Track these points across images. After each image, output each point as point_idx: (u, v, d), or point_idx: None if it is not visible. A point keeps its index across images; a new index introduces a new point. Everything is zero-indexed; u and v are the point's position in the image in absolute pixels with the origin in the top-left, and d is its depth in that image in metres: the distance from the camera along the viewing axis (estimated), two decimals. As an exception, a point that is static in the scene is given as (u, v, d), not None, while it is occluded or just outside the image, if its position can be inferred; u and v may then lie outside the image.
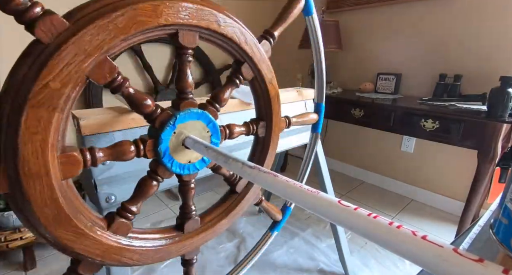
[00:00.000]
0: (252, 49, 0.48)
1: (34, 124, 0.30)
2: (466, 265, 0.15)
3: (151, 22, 0.36)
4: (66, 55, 0.30)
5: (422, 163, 1.84)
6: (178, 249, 0.48)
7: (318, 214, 0.24)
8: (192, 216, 0.50)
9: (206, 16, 0.41)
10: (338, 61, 2.13)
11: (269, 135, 0.56)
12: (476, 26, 1.49)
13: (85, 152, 0.36)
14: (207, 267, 1.23)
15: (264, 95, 0.54)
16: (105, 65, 0.34)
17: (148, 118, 0.42)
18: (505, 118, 1.13)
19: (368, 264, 1.29)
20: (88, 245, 0.36)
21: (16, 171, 0.30)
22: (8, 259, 1.23)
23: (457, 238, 0.46)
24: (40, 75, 0.30)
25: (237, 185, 0.56)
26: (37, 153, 0.31)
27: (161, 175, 0.43)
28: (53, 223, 0.33)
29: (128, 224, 0.41)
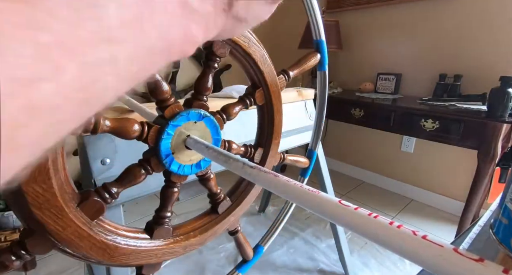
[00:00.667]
0: (271, 78, 0.51)
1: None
2: (466, 264, 0.15)
3: None
4: None
5: (422, 163, 1.84)
6: (140, 256, 0.43)
7: (318, 214, 0.24)
8: (165, 223, 0.46)
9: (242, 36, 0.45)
10: (338, 61, 2.13)
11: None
12: (476, 26, 1.49)
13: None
14: (207, 267, 1.23)
15: (269, 125, 0.56)
16: None
17: (160, 105, 0.42)
18: (505, 118, 1.13)
19: (368, 264, 1.29)
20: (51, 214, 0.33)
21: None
22: (8, 259, 1.23)
23: (457, 238, 0.46)
24: None
25: (220, 205, 0.53)
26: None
27: (153, 166, 0.42)
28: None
29: (102, 206, 0.38)
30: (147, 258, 0.44)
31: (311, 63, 0.63)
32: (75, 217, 0.35)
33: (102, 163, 0.57)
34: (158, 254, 0.45)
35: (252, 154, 0.55)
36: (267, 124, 0.56)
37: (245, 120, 0.83)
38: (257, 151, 0.56)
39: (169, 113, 0.41)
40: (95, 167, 0.56)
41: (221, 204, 0.54)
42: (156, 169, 0.42)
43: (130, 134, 0.39)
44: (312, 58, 0.64)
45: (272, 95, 0.52)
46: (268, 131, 0.56)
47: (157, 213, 0.47)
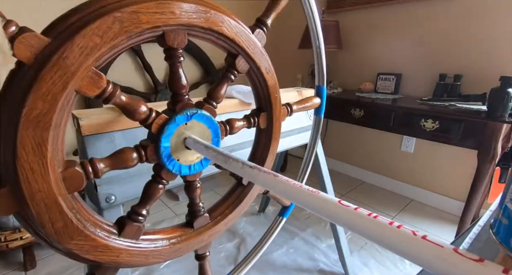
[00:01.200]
0: (245, 41, 0.46)
1: (29, 146, 0.30)
2: (466, 265, 0.15)
3: (135, 27, 0.34)
4: (50, 74, 0.29)
5: (422, 163, 1.84)
6: (190, 246, 0.49)
7: (318, 214, 0.24)
8: (200, 213, 0.51)
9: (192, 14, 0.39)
10: (338, 61, 2.14)
11: (271, 125, 0.56)
12: (476, 26, 1.49)
13: (86, 165, 0.36)
14: (207, 267, 1.23)
15: (262, 86, 0.53)
16: (93, 78, 0.33)
17: (144, 124, 0.41)
18: (505, 118, 1.13)
19: (368, 264, 1.29)
20: (101, 252, 0.36)
21: (21, 192, 0.30)
22: (8, 259, 1.23)
23: (457, 238, 0.46)
24: (27, 98, 0.29)
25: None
26: (38, 173, 0.31)
27: (165, 178, 0.44)
28: (65, 236, 0.34)
29: (140, 227, 0.42)
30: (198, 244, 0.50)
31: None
32: (121, 245, 0.38)
33: (102, 163, 0.57)
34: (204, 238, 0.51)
35: (256, 121, 0.54)
36: (261, 87, 0.54)
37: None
38: (261, 116, 0.55)
39: (156, 128, 0.41)
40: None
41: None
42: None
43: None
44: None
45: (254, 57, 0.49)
46: (264, 93, 0.54)
47: (190, 207, 0.49)
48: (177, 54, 0.41)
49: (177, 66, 0.42)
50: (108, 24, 0.32)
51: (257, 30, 0.49)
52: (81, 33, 0.30)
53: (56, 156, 0.33)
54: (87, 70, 0.32)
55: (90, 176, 0.36)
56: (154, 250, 0.44)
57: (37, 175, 0.31)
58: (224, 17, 0.43)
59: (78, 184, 0.35)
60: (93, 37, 0.31)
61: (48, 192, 0.32)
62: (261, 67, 0.49)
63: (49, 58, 0.29)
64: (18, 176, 0.30)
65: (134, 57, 1.75)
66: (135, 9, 0.33)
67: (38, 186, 0.31)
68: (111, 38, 0.33)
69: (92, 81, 0.33)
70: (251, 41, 0.47)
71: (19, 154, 0.29)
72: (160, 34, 0.38)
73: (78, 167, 0.35)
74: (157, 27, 0.36)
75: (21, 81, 0.29)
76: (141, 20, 0.34)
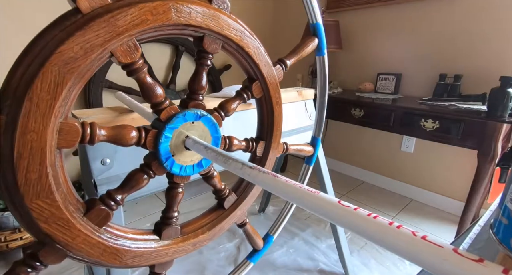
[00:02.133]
0: (267, 70, 0.51)
1: (48, 81, 0.30)
2: (466, 265, 0.15)
3: (185, 20, 0.38)
4: (98, 27, 0.32)
5: (422, 163, 1.84)
6: (152, 256, 0.44)
7: (318, 214, 0.24)
8: (172, 223, 0.47)
9: (232, 28, 0.44)
10: (338, 61, 2.14)
11: (266, 156, 0.57)
12: (476, 26, 1.49)
13: (86, 126, 0.35)
14: (207, 267, 1.23)
15: (268, 117, 0.55)
16: (131, 47, 0.36)
17: (155, 109, 0.42)
18: (505, 118, 1.13)
19: (368, 264, 1.29)
20: (59, 227, 0.33)
21: (14, 125, 0.29)
22: (8, 259, 1.23)
23: (457, 238, 0.46)
24: (69, 38, 0.30)
25: (226, 200, 0.54)
26: (41, 112, 0.30)
27: (154, 170, 0.42)
28: (31, 191, 0.31)
29: (109, 213, 0.38)
30: (158, 258, 0.45)
31: (308, 49, 0.61)
32: (82, 226, 0.36)
33: (102, 163, 0.57)
34: (168, 253, 0.46)
35: (254, 147, 0.55)
36: (267, 116, 0.56)
37: (245, 121, 0.83)
38: (259, 144, 0.56)
39: (165, 116, 0.41)
40: (95, 167, 0.56)
41: (227, 199, 0.54)
42: (158, 172, 0.43)
43: (127, 142, 0.39)
44: (310, 44, 0.61)
45: (270, 87, 0.52)
46: (269, 123, 0.56)
47: (164, 213, 0.47)
48: (207, 58, 0.44)
49: (203, 68, 0.45)
50: (164, 8, 0.35)
51: (277, 66, 0.54)
52: (138, 6, 0.34)
53: (64, 105, 0.32)
54: (129, 38, 0.35)
55: (86, 137, 0.35)
56: (112, 247, 0.39)
57: (39, 113, 0.30)
58: (257, 44, 0.48)
59: (71, 140, 0.34)
60: (147, 14, 0.34)
61: (40, 136, 0.31)
62: (273, 99, 0.53)
63: (103, 14, 0.32)
64: (21, 107, 0.29)
65: (134, 57, 1.75)
66: (190, 6, 0.37)
67: (34, 126, 0.30)
68: (161, 21, 0.36)
69: (128, 49, 0.35)
70: (271, 73, 0.52)
71: (34, 85, 0.29)
72: (200, 36, 0.42)
73: (77, 123, 0.34)
74: (201, 28, 0.40)
75: (69, 25, 0.31)
76: (192, 17, 0.38)
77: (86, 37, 0.31)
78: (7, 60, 1.00)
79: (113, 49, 0.34)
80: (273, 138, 0.56)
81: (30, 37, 0.31)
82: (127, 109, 0.64)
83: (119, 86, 1.65)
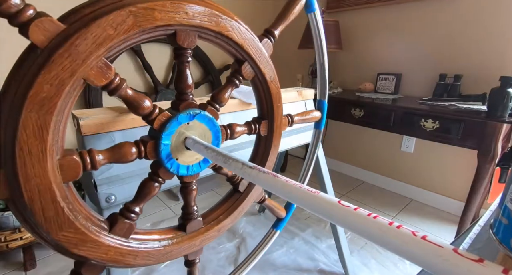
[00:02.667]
0: (252, 48, 0.48)
1: (31, 128, 0.30)
2: (466, 265, 0.15)
3: (149, 23, 0.35)
4: (61, 59, 0.30)
5: (422, 163, 1.84)
6: (181, 250, 0.48)
7: (318, 214, 0.24)
8: (194, 217, 0.50)
9: (205, 17, 0.40)
10: (338, 61, 2.13)
11: (271, 134, 0.56)
12: (476, 26, 1.49)
13: (84, 155, 0.35)
14: (207, 267, 1.23)
15: (265, 95, 0.54)
16: (102, 68, 0.34)
17: (147, 120, 0.41)
18: (505, 118, 1.13)
19: (368, 264, 1.29)
20: (90, 247, 0.36)
21: (16, 176, 0.30)
22: (8, 259, 1.23)
23: (457, 238, 0.46)
24: (36, 80, 0.29)
25: (240, 184, 0.56)
26: (36, 157, 0.30)
27: (162, 177, 0.44)
28: (54, 226, 0.33)
29: (132, 225, 0.41)
30: (189, 249, 0.49)
31: (296, 9, 0.57)
32: (111, 242, 0.38)
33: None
34: (196, 243, 0.50)
35: (257, 128, 0.55)
36: (264, 95, 0.55)
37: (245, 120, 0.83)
38: (262, 123, 0.55)
39: (158, 125, 0.41)
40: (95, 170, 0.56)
41: (241, 183, 0.56)
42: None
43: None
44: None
45: (260, 65, 0.49)
46: (267, 101, 0.55)
47: (184, 210, 0.50)
48: (186, 54, 0.42)
49: (185, 66, 0.43)
50: (123, 17, 0.33)
51: (264, 39, 0.51)
52: (96, 23, 0.31)
53: (56, 143, 0.33)
54: (97, 60, 0.33)
55: (87, 166, 0.36)
56: (144, 251, 0.43)
57: (34, 159, 0.31)
58: (235, 24, 0.44)
59: (75, 173, 0.35)
60: (107, 28, 0.32)
61: (44, 178, 0.32)
62: (266, 75, 0.50)
63: (62, 43, 0.30)
64: (15, 158, 0.30)
65: (134, 57, 1.75)
66: (150, 6, 0.35)
67: (34, 171, 0.31)
68: (124, 31, 0.33)
69: (100, 71, 0.34)
70: (259, 49, 0.49)
71: (19, 135, 0.29)
72: (171, 33, 0.39)
73: (76, 156, 0.35)
74: (170, 25, 0.37)
75: (31, 63, 0.30)
76: (155, 17, 0.35)
77: (52, 73, 0.30)
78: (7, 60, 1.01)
79: (84, 76, 0.32)
80: (275, 115, 0.55)
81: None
82: (127, 109, 0.64)
83: (119, 86, 1.65)
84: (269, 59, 0.51)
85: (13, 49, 0.54)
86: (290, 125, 0.60)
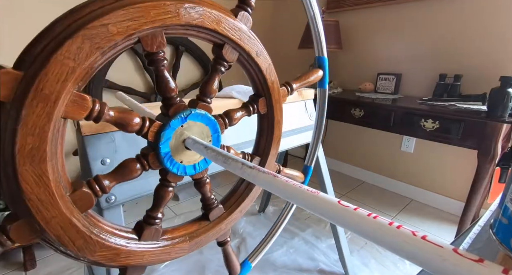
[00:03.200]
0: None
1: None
2: (466, 265, 0.15)
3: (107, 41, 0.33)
4: (32, 108, 0.29)
5: (422, 163, 1.84)
6: (209, 237, 0.51)
7: (318, 214, 0.24)
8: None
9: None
10: (338, 61, 2.14)
11: (271, 109, 0.54)
12: (476, 26, 1.49)
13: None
14: (207, 267, 1.23)
15: (255, 70, 0.51)
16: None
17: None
18: (505, 118, 1.13)
19: (368, 264, 1.29)
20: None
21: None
22: (8, 259, 1.23)
23: (457, 238, 0.46)
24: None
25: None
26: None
27: (173, 181, 0.44)
28: (87, 251, 0.36)
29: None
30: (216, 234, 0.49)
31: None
32: (143, 248, 0.39)
33: (102, 163, 0.57)
34: (222, 227, 0.51)
35: (256, 108, 0.55)
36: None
37: (243, 123, 0.83)
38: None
39: (152, 137, 0.41)
40: (95, 167, 0.56)
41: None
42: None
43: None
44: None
45: (241, 43, 0.46)
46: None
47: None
48: (158, 58, 0.39)
49: (161, 70, 0.40)
50: (77, 44, 0.30)
51: (240, 12, 0.45)
52: (52, 60, 0.29)
53: (60, 182, 0.33)
54: (69, 95, 0.31)
55: (98, 193, 0.37)
56: (175, 246, 0.46)
57: (46, 204, 0.32)
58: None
59: (89, 203, 0.37)
60: (66, 62, 0.30)
61: (61, 217, 0.33)
62: (251, 52, 0.46)
63: (27, 92, 0.28)
64: (29, 208, 0.31)
65: (134, 57, 1.75)
66: (103, 22, 0.31)
67: (51, 213, 0.32)
68: (85, 59, 0.31)
69: (77, 105, 0.33)
70: (236, 27, 0.44)
71: (23, 188, 0.30)
72: (136, 41, 0.36)
73: (85, 188, 0.36)
74: (130, 35, 0.34)
75: (6, 120, 0.29)
76: (111, 32, 0.32)
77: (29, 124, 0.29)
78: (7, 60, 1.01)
79: (63, 115, 0.32)
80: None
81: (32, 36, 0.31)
82: (127, 109, 0.64)
83: (119, 86, 1.65)
84: (250, 33, 0.46)
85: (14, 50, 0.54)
86: (291, 93, 0.58)
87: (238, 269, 0.64)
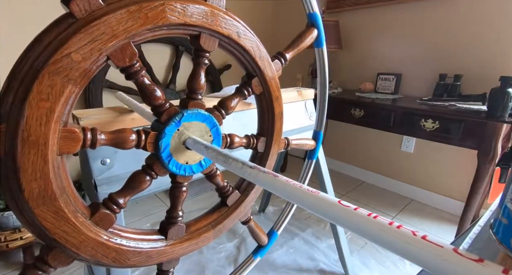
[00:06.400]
0: (265, 65, 0.50)
1: (45, 91, 0.30)
2: (466, 265, 0.15)
3: (179, 19, 0.36)
4: (94, 31, 0.31)
5: (422, 163, 1.84)
6: (158, 255, 0.45)
7: (318, 214, 0.24)
8: (178, 221, 0.47)
9: (229, 25, 0.42)
10: (338, 61, 2.13)
11: (268, 152, 0.57)
12: (476, 26, 1.49)
13: (87, 131, 0.35)
14: (207, 267, 1.23)
15: (269, 112, 0.55)
16: (127, 50, 0.35)
17: (156, 111, 0.42)
18: (505, 118, 1.13)
19: (368, 264, 1.29)
20: (66, 231, 0.34)
21: (15, 134, 0.29)
22: (8, 259, 1.23)
23: (457, 238, 0.46)
24: (65, 45, 0.30)
25: (229, 197, 0.54)
26: (41, 120, 0.30)
27: (156, 171, 0.43)
28: (37, 199, 0.32)
29: (112, 217, 0.39)
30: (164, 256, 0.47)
31: (307, 41, 0.60)
32: (88, 230, 0.37)
33: (102, 163, 0.57)
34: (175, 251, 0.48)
35: (255, 143, 0.55)
36: (267, 112, 0.55)
37: (245, 120, 0.83)
38: (260, 140, 0.55)
39: (165, 118, 0.41)
40: (95, 167, 0.56)
41: (230, 197, 0.55)
42: (160, 173, 0.43)
43: (127, 144, 0.39)
44: (309, 35, 0.60)
45: (269, 83, 0.51)
46: (269, 118, 0.56)
47: (169, 213, 0.48)
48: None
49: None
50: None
51: (276, 60, 0.53)
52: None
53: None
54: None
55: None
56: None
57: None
58: (255, 40, 0.47)
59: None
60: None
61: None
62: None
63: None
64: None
65: (134, 57, 1.75)
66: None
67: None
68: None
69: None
70: (270, 68, 0.51)
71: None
72: (196, 34, 0.41)
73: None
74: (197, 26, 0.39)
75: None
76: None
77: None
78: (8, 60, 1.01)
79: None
80: (274, 133, 0.56)
81: (31, 37, 0.31)
82: (127, 109, 0.64)
83: (119, 86, 1.65)
84: (277, 79, 0.53)
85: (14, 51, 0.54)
86: (286, 148, 0.61)
87: (265, 240, 0.67)
